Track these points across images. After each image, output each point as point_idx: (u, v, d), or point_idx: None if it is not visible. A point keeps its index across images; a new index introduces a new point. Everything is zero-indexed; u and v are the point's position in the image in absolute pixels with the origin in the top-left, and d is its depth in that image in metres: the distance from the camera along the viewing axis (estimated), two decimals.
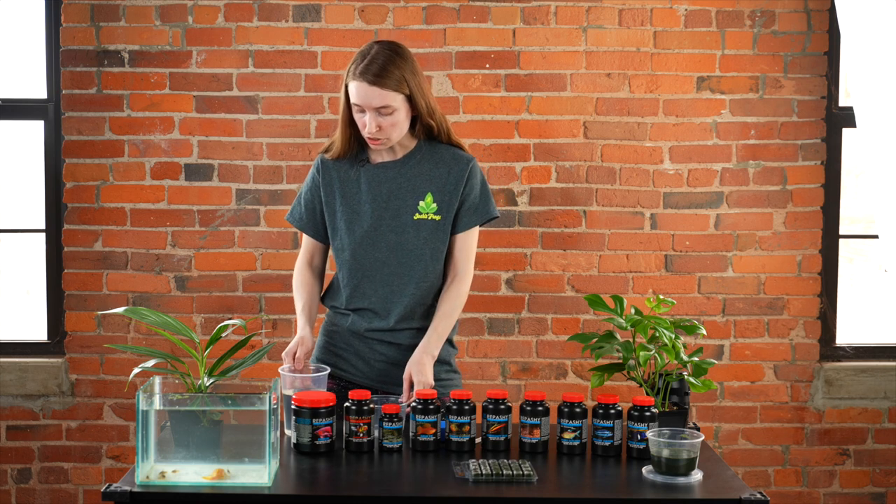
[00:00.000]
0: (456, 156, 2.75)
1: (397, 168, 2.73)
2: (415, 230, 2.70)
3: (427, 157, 2.74)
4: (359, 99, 2.60)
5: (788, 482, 4.00)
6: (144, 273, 3.91)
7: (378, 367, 2.75)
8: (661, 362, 2.50)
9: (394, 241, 2.70)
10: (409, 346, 2.71)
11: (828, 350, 4.01)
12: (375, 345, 2.75)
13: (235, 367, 2.37)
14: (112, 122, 3.89)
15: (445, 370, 2.78)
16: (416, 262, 2.70)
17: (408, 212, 2.70)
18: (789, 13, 3.90)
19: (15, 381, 3.92)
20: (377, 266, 2.71)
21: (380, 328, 2.73)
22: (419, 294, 2.72)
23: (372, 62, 2.59)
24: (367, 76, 2.58)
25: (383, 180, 2.72)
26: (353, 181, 2.74)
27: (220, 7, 3.87)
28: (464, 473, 2.25)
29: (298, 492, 2.18)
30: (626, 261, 3.94)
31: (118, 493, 2.12)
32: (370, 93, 2.59)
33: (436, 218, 2.71)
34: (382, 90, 2.58)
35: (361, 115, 2.63)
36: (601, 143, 3.92)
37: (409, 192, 2.71)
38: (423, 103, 2.66)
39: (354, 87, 2.60)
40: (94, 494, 3.96)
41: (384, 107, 2.60)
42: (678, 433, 2.26)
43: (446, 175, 2.72)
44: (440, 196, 2.71)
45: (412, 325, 2.73)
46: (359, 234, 2.71)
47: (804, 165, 3.94)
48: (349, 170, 2.75)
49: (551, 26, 3.88)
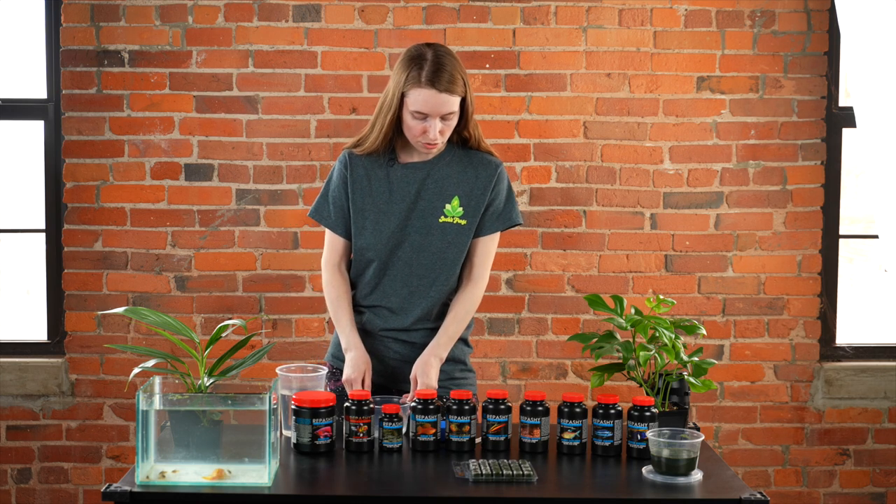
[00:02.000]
0: (484, 160, 2.73)
1: (426, 169, 2.71)
2: (440, 233, 2.69)
3: (456, 159, 2.73)
4: (426, 107, 2.56)
5: (788, 482, 4.00)
6: (144, 273, 3.91)
7: (391, 364, 2.75)
8: (661, 362, 2.50)
9: (418, 243, 2.69)
10: (422, 345, 2.71)
11: (828, 350, 4.01)
12: (390, 343, 2.74)
13: (235, 367, 2.37)
14: (112, 122, 3.89)
15: (460, 369, 2.78)
16: (440, 264, 2.70)
17: (434, 214, 2.69)
18: (789, 13, 3.90)
19: (15, 381, 3.92)
20: (400, 266, 2.70)
21: (395, 327, 2.73)
22: (439, 296, 2.71)
23: (440, 69, 2.56)
24: (439, 84, 2.55)
25: (412, 181, 2.70)
26: (382, 179, 2.72)
27: (220, 7, 3.87)
28: (464, 473, 2.25)
29: (298, 492, 2.18)
30: (626, 261, 3.94)
31: (118, 493, 2.12)
32: (440, 100, 2.56)
33: (461, 222, 2.70)
34: (451, 96, 2.57)
35: (421, 122, 2.59)
36: (601, 143, 3.92)
37: (437, 194, 2.70)
38: (471, 110, 2.66)
39: (422, 94, 2.56)
40: (94, 494, 3.96)
41: (449, 113, 2.59)
42: (678, 433, 2.26)
43: (474, 179, 2.71)
44: (466, 200, 2.70)
45: (427, 325, 2.72)
46: (385, 234, 2.69)
47: (804, 165, 3.94)
48: (377, 168, 2.72)
49: (551, 26, 3.88)
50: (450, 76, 2.56)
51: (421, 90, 2.56)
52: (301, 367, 2.59)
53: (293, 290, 3.92)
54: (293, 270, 3.92)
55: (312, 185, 3.89)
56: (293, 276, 3.92)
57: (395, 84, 2.62)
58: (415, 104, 2.57)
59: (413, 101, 2.58)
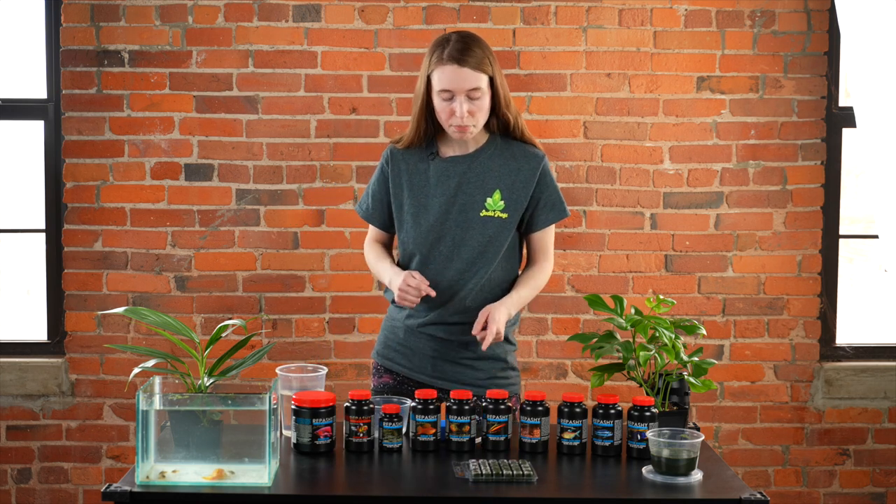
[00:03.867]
0: (527, 153, 2.73)
1: (467, 163, 2.71)
2: (481, 227, 2.69)
3: (498, 152, 2.73)
4: (449, 83, 2.59)
5: (788, 482, 4.01)
6: (144, 273, 3.91)
7: (430, 362, 2.75)
8: (661, 362, 2.50)
9: (459, 237, 2.69)
10: (459, 343, 2.72)
11: (828, 350, 4.01)
12: (426, 340, 2.74)
13: (235, 367, 2.37)
14: (112, 122, 3.89)
15: (501, 367, 2.77)
16: (481, 259, 2.70)
17: (475, 208, 2.69)
18: (789, 13, 3.90)
19: (15, 381, 3.92)
20: (440, 260, 2.70)
21: (433, 322, 2.72)
22: (477, 291, 2.71)
23: (463, 47, 2.60)
24: (454, 57, 2.58)
25: (452, 174, 2.71)
26: (422, 173, 2.73)
27: (220, 7, 3.87)
28: (464, 473, 2.25)
29: (298, 492, 2.17)
30: (626, 261, 3.94)
31: (118, 493, 2.12)
32: (460, 74, 2.58)
33: (502, 216, 2.70)
34: (473, 70, 2.58)
35: (449, 102, 2.62)
36: (601, 143, 3.92)
37: (478, 187, 2.70)
38: (502, 92, 2.67)
39: (443, 71, 2.59)
40: (94, 494, 3.96)
41: (474, 89, 2.60)
42: (678, 433, 2.26)
43: (516, 172, 2.71)
44: (509, 194, 2.70)
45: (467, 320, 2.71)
46: (424, 227, 2.70)
47: (804, 165, 3.94)
48: (418, 162, 2.74)
49: (551, 26, 3.88)
50: (472, 52, 2.59)
51: (444, 67, 2.59)
52: (301, 367, 2.59)
53: (293, 290, 3.92)
54: (293, 270, 3.92)
55: (312, 185, 3.90)
56: (293, 276, 3.92)
57: (422, 71, 2.66)
58: (439, 83, 2.60)
59: (438, 81, 2.61)
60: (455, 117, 2.62)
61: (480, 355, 2.73)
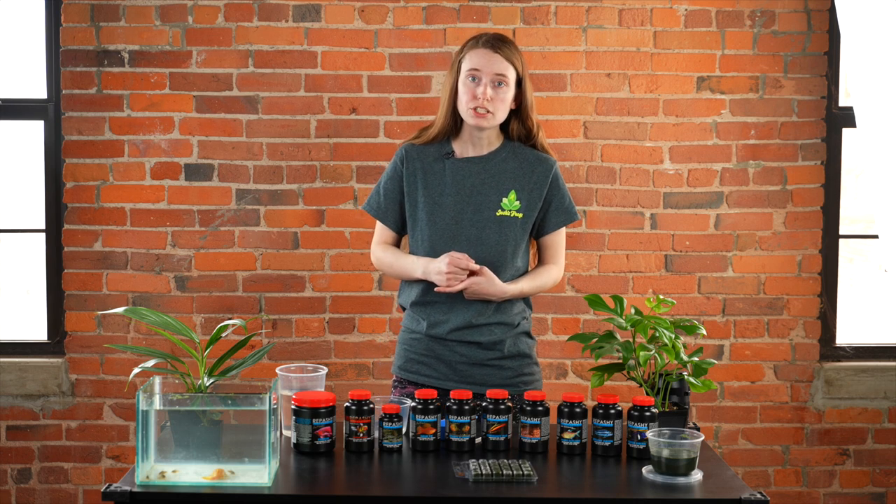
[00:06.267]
0: (540, 157, 2.80)
1: (482, 164, 2.76)
2: (496, 226, 2.72)
3: (511, 156, 2.78)
4: (478, 63, 2.68)
5: (788, 482, 4.00)
6: (144, 273, 3.91)
7: (457, 368, 2.75)
8: (661, 362, 2.50)
9: (474, 236, 2.71)
10: (489, 343, 2.73)
11: (828, 350, 4.01)
12: (455, 346, 2.75)
13: (235, 367, 2.37)
14: (112, 122, 3.89)
15: (527, 363, 2.80)
16: (499, 258, 2.71)
17: (490, 207, 2.72)
18: (789, 13, 3.90)
19: (15, 381, 3.92)
20: None
21: (459, 327, 2.72)
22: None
23: (491, 36, 2.73)
24: (489, 43, 2.70)
25: (467, 175, 2.74)
26: (438, 173, 2.75)
27: (220, 7, 3.87)
28: (464, 473, 2.25)
29: (298, 492, 2.18)
30: (626, 261, 3.94)
31: (118, 493, 2.12)
32: (492, 57, 2.68)
33: (518, 216, 2.74)
34: (506, 61, 2.68)
35: (475, 84, 2.68)
36: (601, 143, 3.92)
37: (493, 188, 2.73)
38: (530, 98, 2.76)
39: (475, 53, 2.69)
40: (94, 494, 3.96)
41: (501, 75, 2.68)
42: (678, 433, 2.26)
43: (530, 174, 2.76)
44: (523, 194, 2.75)
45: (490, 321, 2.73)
46: (440, 227, 2.72)
47: (804, 165, 3.94)
48: (434, 162, 2.77)
49: (551, 26, 3.88)
50: (507, 44, 2.72)
51: (477, 50, 2.70)
52: (301, 367, 2.59)
53: (293, 291, 3.92)
54: (293, 270, 3.92)
55: (312, 185, 3.90)
56: (293, 276, 3.92)
57: (452, 64, 2.76)
58: (469, 62, 2.70)
59: (468, 61, 2.70)
60: (476, 99, 2.67)
61: (506, 353, 2.76)
